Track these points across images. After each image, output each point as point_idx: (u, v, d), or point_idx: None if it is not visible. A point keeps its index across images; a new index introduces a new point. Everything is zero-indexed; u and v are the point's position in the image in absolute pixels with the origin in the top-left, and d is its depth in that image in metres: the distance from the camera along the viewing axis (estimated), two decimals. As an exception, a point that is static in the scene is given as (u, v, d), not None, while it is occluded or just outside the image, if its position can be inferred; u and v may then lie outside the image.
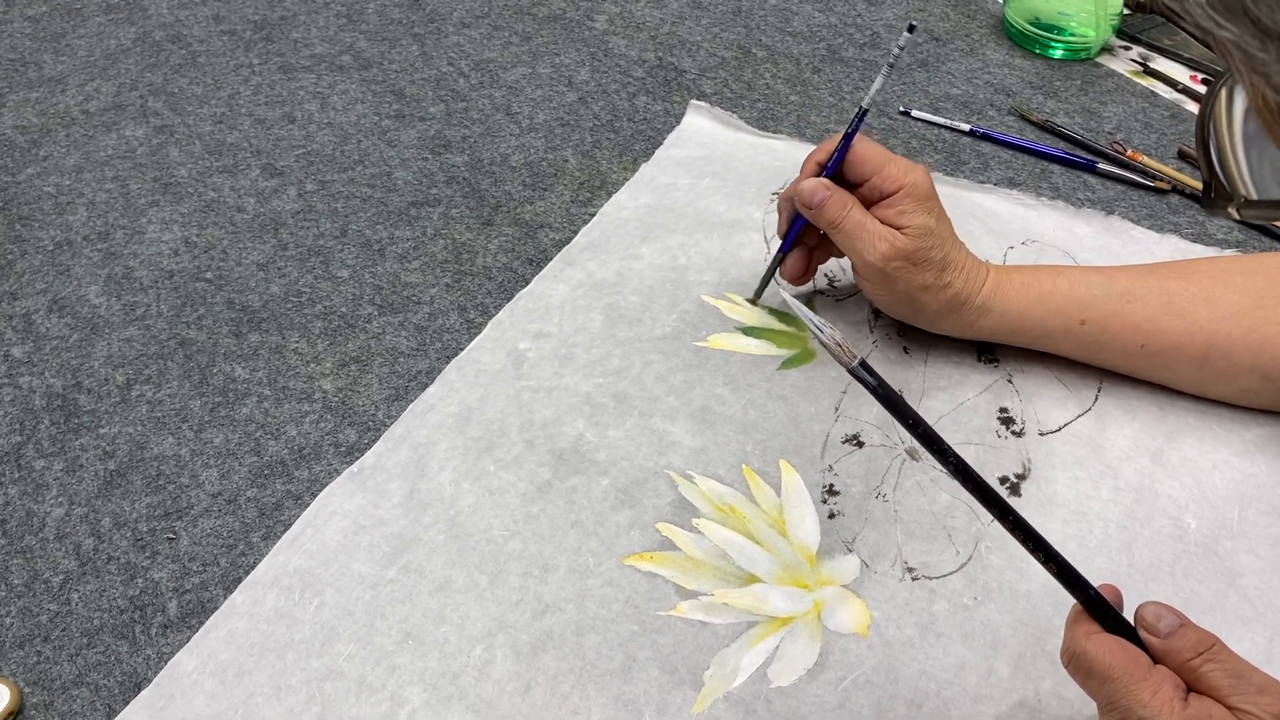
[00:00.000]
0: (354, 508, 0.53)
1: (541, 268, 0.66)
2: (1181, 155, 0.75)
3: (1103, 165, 0.73)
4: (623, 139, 0.77)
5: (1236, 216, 0.35)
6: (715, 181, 0.72)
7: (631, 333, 0.62)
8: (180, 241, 0.68)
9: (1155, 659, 0.39)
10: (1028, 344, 0.59)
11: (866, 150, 0.55)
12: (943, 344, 0.60)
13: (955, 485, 0.54)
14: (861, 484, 0.54)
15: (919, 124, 0.77)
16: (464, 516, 0.53)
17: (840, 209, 0.54)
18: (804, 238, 0.59)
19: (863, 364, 0.38)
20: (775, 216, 0.68)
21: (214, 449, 0.57)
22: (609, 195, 0.71)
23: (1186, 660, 0.38)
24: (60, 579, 0.51)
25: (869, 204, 0.55)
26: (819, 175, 0.56)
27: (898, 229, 0.54)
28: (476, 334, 0.62)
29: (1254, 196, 0.33)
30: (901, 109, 0.78)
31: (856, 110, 0.55)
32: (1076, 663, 0.39)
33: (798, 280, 0.60)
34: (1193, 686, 0.38)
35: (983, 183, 0.72)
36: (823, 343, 0.39)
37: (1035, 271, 0.57)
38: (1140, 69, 0.84)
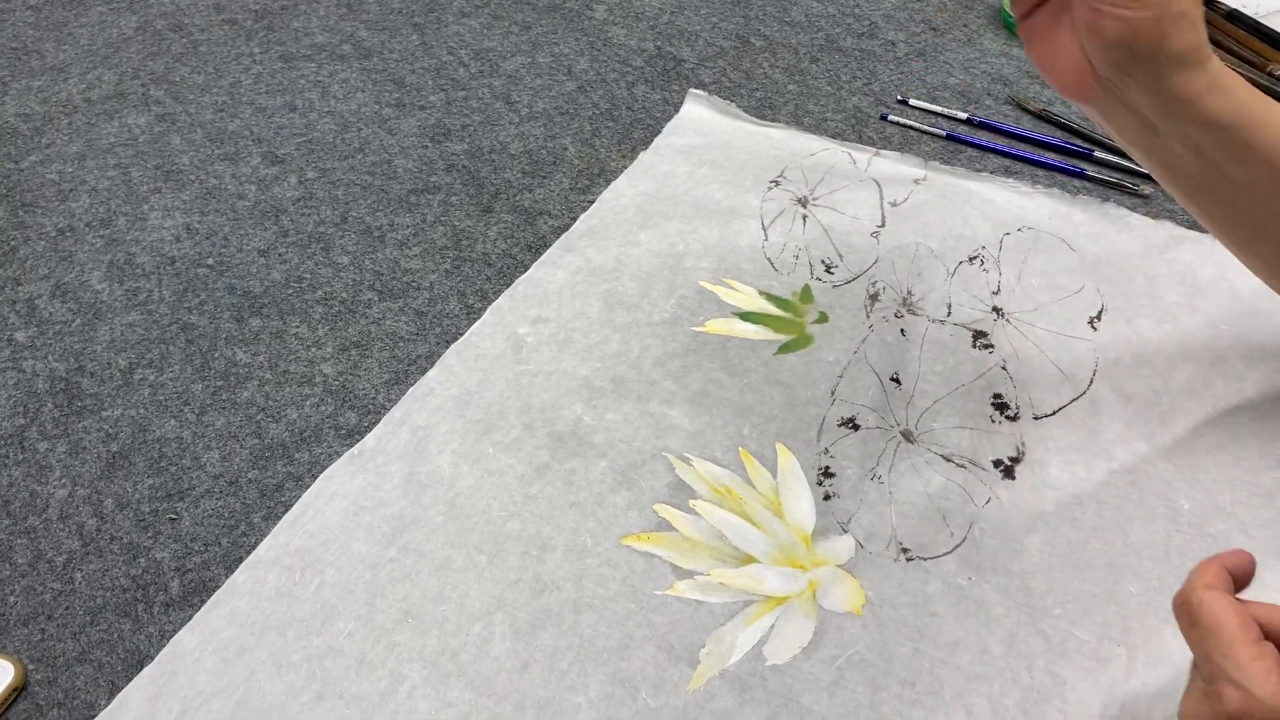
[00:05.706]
0: (354, 489, 0.54)
1: (540, 254, 0.66)
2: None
3: (1099, 153, 0.73)
4: (621, 127, 0.77)
5: None
6: (713, 169, 0.72)
7: (629, 318, 0.62)
8: (182, 228, 0.69)
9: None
10: (1224, 155, 0.48)
11: None
12: (938, 330, 0.61)
13: (949, 467, 0.55)
14: (857, 466, 0.55)
15: (915, 113, 0.77)
16: (463, 498, 0.53)
17: None
18: None
19: None
20: (772, 204, 0.69)
21: (215, 432, 0.57)
22: (608, 183, 0.72)
23: None
24: (64, 558, 0.52)
25: None
26: None
27: None
28: (476, 319, 0.62)
29: None
30: (900, 99, 0.79)
31: None
32: (1187, 608, 0.38)
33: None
34: None
35: (979, 170, 0.72)
36: None
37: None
38: (1137, 58, 0.84)
